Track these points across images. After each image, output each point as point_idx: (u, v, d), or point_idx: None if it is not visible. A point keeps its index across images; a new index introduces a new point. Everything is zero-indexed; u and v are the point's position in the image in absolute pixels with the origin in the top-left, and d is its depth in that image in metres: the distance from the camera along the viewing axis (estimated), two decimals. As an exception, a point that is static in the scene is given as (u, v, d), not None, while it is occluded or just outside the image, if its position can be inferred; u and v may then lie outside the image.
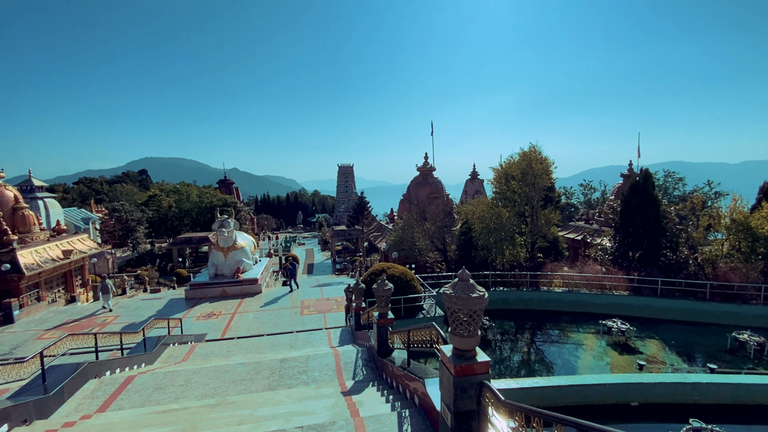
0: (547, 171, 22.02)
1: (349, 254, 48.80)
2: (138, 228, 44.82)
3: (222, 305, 19.95)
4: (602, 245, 22.62)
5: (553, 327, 17.80)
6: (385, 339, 9.29)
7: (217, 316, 18.13)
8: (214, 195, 50.81)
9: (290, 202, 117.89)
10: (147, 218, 46.12)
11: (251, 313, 18.53)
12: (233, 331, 15.84)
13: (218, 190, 57.96)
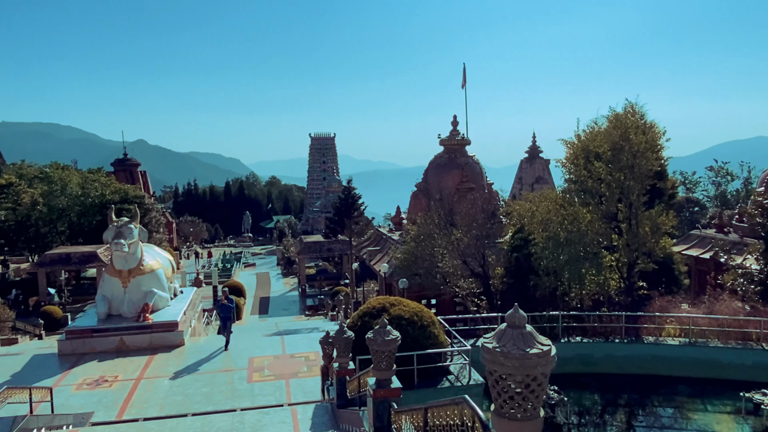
0: (653, 146, 22.13)
1: (329, 281, 48.86)
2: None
3: (119, 365, 19.98)
4: (746, 268, 22.65)
5: (665, 402, 18.06)
6: (387, 423, 9.28)
7: (110, 383, 18.17)
8: (107, 184, 50.94)
9: (232, 196, 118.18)
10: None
11: (167, 378, 18.56)
12: (137, 409, 15.87)
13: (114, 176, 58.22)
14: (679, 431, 16.29)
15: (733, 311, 20.28)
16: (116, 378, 18.67)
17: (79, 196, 47.82)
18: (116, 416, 15.45)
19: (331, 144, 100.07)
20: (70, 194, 47.68)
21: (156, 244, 38.49)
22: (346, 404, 13.43)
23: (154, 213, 51.49)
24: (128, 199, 47.17)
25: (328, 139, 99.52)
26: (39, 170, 55.99)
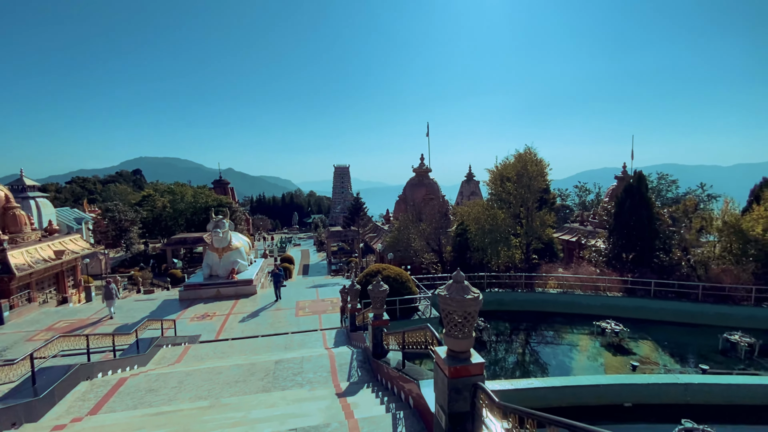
0: (542, 173, 22.12)
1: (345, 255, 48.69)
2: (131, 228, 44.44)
3: (216, 306, 19.83)
4: (596, 247, 22.77)
5: (548, 328, 17.90)
6: (380, 340, 9.28)
7: (211, 317, 18.02)
8: (209, 195, 50.51)
9: (285, 203, 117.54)
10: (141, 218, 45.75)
11: (246, 314, 18.44)
12: (227, 333, 15.76)
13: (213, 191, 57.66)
14: (556, 345, 16.13)
15: (589, 273, 20.32)
16: (214, 314, 18.55)
17: (192, 203, 47.51)
18: (215, 337, 15.39)
19: (347, 171, 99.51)
20: (186, 201, 47.46)
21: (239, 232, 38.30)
22: (355, 329, 13.40)
23: (238, 213, 50.93)
24: (222, 205, 46.79)
25: (345, 168, 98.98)
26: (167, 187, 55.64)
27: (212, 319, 17.75)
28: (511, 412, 3.62)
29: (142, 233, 47.03)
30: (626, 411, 9.52)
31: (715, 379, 10.07)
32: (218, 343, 14.29)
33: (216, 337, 15.22)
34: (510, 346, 16.53)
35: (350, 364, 9.80)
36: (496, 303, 19.67)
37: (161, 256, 40.90)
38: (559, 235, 31.51)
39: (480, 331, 16.25)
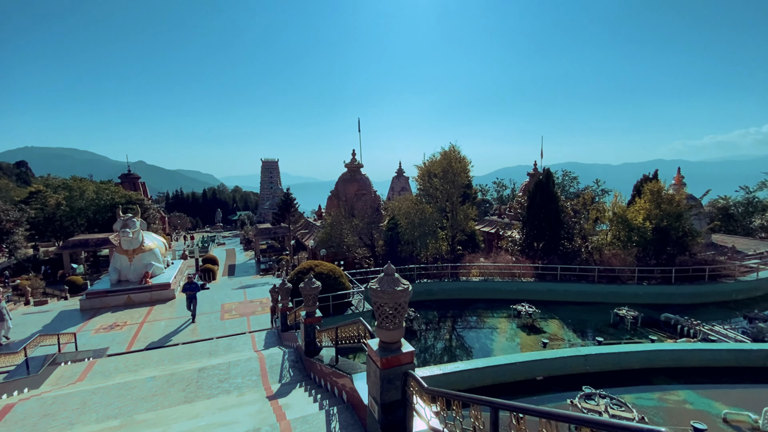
0: (465, 169, 23.40)
1: (275, 253, 46.89)
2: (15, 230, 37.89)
3: (127, 314, 17.85)
4: (512, 237, 24.75)
5: (472, 314, 19.07)
6: (312, 338, 9.14)
7: (121, 326, 16.19)
8: (116, 191, 45.01)
9: (208, 199, 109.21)
10: (28, 218, 39.20)
11: (163, 321, 16.89)
12: (142, 343, 14.30)
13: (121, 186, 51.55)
14: (479, 329, 17.18)
15: (506, 261, 22.06)
16: (125, 323, 16.71)
17: (94, 200, 41.94)
18: (126, 348, 13.87)
19: (276, 165, 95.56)
20: (87, 198, 41.75)
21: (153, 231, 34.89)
22: (287, 329, 13.04)
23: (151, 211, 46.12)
24: (132, 202, 42.07)
25: (273, 162, 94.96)
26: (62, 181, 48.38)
27: (123, 328, 15.95)
28: (438, 396, 3.82)
29: (30, 235, 40.35)
30: (538, 384, 10.61)
31: (608, 349, 11.67)
32: (130, 355, 12.90)
33: (128, 349, 13.72)
34: (438, 334, 17.32)
35: (282, 365, 9.51)
36: (425, 293, 20.48)
37: (57, 261, 35.57)
38: (481, 227, 33.65)
39: (411, 321, 16.82)
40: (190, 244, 58.35)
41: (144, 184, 61.20)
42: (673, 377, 11.03)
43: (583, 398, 8.64)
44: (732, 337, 14.12)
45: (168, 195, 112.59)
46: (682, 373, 11.16)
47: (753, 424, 8.60)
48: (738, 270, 20.41)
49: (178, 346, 13.74)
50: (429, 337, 16.97)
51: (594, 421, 2.05)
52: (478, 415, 3.12)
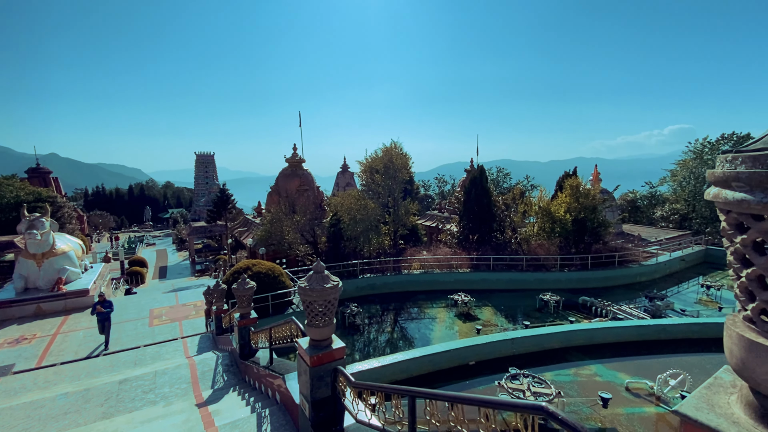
0: (406, 165, 23.89)
1: (212, 253, 44.43)
2: None
3: (37, 326, 15.90)
4: (450, 230, 25.83)
5: (413, 305, 19.62)
6: (247, 340, 8.86)
7: (30, 340, 14.39)
8: (22, 187, 39.56)
9: (135, 196, 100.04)
10: None
11: (81, 331, 15.29)
12: (55, 357, 12.83)
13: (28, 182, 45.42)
14: (420, 320, 17.71)
15: (444, 253, 22.98)
16: (34, 336, 14.90)
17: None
18: (35, 364, 12.38)
19: (212, 159, 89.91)
20: (-17, 196, 36.18)
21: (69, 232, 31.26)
22: (222, 332, 12.50)
23: (66, 209, 41.17)
24: (41, 199, 37.15)
25: (209, 156, 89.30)
26: (-50, 177, 41.37)
27: (31, 342, 14.18)
28: (364, 389, 3.93)
29: None
30: (471, 368, 11.27)
31: (532, 332, 12.71)
32: (40, 371, 11.54)
33: (37, 365, 12.24)
34: (381, 327, 17.61)
35: (215, 370, 9.11)
36: (368, 288, 20.69)
37: (-57, 270, 30.50)
38: (423, 222, 34.65)
39: (353, 316, 16.90)
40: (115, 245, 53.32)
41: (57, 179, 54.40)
42: (586, 353, 12.32)
43: (509, 379, 9.35)
44: (635, 315, 16.07)
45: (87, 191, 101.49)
46: (593, 349, 12.51)
47: (649, 391, 9.90)
48: (641, 256, 23.21)
49: (97, 358, 12.55)
50: (372, 330, 17.19)
51: (488, 401, 2.26)
52: (398, 403, 3.26)
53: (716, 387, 1.51)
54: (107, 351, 13.25)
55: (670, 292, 20.06)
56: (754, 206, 1.05)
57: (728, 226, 1.31)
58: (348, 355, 14.49)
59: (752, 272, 1.14)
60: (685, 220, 37.32)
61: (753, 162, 1.08)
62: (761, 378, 1.13)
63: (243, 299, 8.99)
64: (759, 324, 1.18)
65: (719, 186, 1.25)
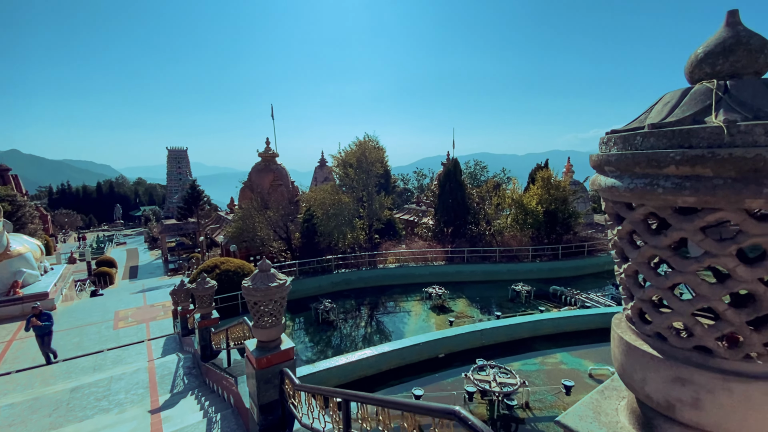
0: (380, 159, 23.71)
1: (186, 251, 43.23)
2: None
3: (-11, 333, 15.04)
4: (426, 224, 25.90)
5: (388, 300, 19.60)
6: (208, 342, 8.58)
7: (-20, 348, 13.57)
8: (-26, 187, 37.38)
9: (103, 193, 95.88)
10: None
11: (38, 336, 14.53)
12: (9, 364, 12.16)
13: (-18, 180, 42.92)
14: (395, 314, 17.70)
15: (420, 246, 23.05)
16: (-15, 344, 14.05)
17: (-57, 198, 34.26)
18: (-15, 374, 11.64)
19: (185, 154, 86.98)
20: (-68, 196, 33.96)
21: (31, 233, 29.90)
22: (187, 333, 12.12)
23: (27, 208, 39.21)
24: None
25: (182, 151, 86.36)
26: None
27: (-18, 350, 13.38)
28: (306, 391, 3.77)
29: None
30: (441, 361, 11.31)
31: (500, 322, 12.87)
32: (-9, 381, 10.89)
33: (-13, 374, 11.55)
34: (356, 322, 17.51)
35: (175, 374, 8.80)
36: (343, 283, 20.52)
37: None
38: (401, 215, 34.64)
39: (327, 312, 16.71)
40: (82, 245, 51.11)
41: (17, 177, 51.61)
42: (553, 342, 12.57)
43: (476, 370, 9.41)
44: (602, 303, 16.53)
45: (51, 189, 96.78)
46: (560, 337, 12.78)
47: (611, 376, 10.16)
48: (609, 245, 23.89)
49: (54, 365, 11.95)
50: (346, 326, 17.06)
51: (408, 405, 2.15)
52: (335, 407, 3.14)
53: (610, 391, 1.41)
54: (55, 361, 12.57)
55: (636, 280, 20.77)
56: (623, 193, 0.93)
57: (609, 217, 1.21)
58: (321, 352, 14.32)
59: (628, 267, 1.03)
60: (652, 210, 38.65)
61: (623, 143, 0.97)
62: (638, 385, 1.03)
63: (203, 299, 8.69)
64: (638, 325, 1.08)
65: (597, 171, 1.14)
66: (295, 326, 16.96)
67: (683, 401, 0.91)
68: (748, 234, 0.78)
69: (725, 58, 0.88)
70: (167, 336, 14.02)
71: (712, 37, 0.92)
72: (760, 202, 0.74)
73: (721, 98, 0.83)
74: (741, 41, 0.86)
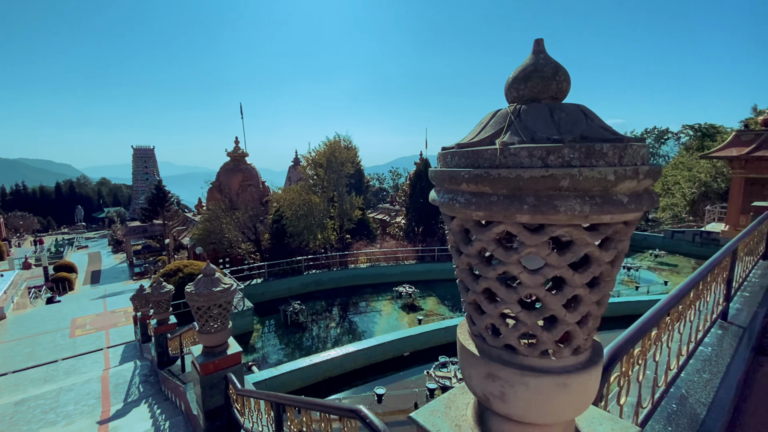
0: (351, 159, 23.63)
1: (153, 254, 41.73)
2: None
3: (-72, 346, 14.05)
4: (398, 223, 26.05)
5: (360, 300, 19.62)
6: (165, 348, 8.38)
7: None
8: None
9: (63, 194, 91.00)
10: None
11: (-15, 348, 13.73)
12: (-52, 379, 11.40)
13: (-77, 182, 39.92)
14: (366, 313, 17.73)
15: (392, 246, 23.18)
16: (-77, 358, 13.12)
17: None
18: None
19: (152, 153, 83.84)
20: None
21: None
22: (148, 340, 11.75)
23: (-26, 212, 36.94)
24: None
25: (149, 150, 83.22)
26: None
27: None
28: (246, 396, 3.77)
29: None
30: (407, 359, 11.47)
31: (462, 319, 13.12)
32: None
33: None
34: (326, 323, 17.43)
35: (131, 382, 8.53)
36: (314, 284, 20.36)
37: None
38: (374, 215, 34.67)
39: (296, 314, 16.55)
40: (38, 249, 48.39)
41: (-38, 178, 48.29)
42: (516, 337, 12.96)
43: (438, 367, 9.61)
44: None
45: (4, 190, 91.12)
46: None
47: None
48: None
49: (3, 376, 11.32)
50: (315, 328, 16.98)
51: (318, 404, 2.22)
52: (268, 409, 3.16)
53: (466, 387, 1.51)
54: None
55: (597, 274, 21.66)
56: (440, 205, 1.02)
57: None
58: (289, 355, 14.18)
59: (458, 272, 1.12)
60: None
61: (442, 160, 1.06)
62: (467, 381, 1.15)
63: (160, 304, 8.48)
64: (469, 326, 1.17)
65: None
66: (264, 329, 16.73)
67: (494, 395, 1.01)
68: (525, 245, 0.88)
69: (525, 83, 0.97)
70: (128, 343, 13.57)
71: (521, 63, 1.02)
72: (526, 216, 0.83)
73: (512, 122, 0.93)
74: (537, 69, 0.96)
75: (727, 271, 3.87)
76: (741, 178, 18.93)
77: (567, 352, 0.96)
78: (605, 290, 0.94)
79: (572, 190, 0.78)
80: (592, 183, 0.78)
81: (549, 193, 0.79)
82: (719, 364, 3.36)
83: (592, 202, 0.78)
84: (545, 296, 0.91)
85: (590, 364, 0.98)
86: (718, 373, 3.21)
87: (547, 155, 0.80)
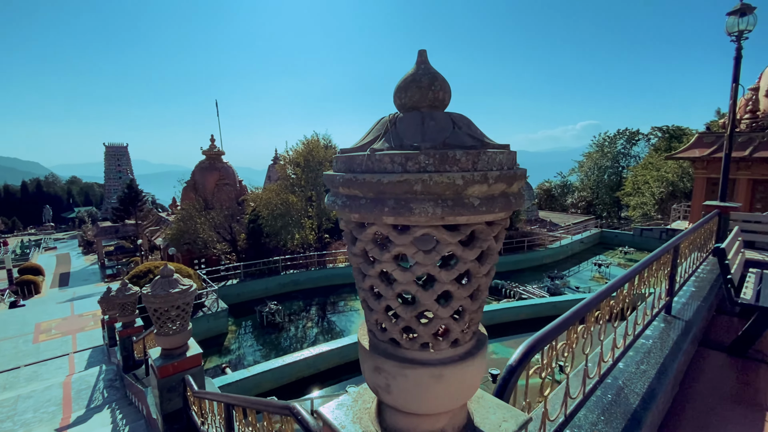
0: (330, 158, 23.51)
1: (126, 255, 40.50)
2: None
3: None
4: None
5: (338, 299, 19.60)
6: (131, 351, 8.19)
7: None
8: None
9: (30, 193, 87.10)
10: None
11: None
12: None
13: None
14: (343, 313, 17.78)
15: (371, 246, 23.18)
16: None
17: None
18: None
19: (125, 151, 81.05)
20: None
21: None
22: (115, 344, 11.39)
23: (-69, 212, 34.99)
24: None
25: (122, 147, 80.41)
26: None
27: None
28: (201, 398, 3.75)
29: None
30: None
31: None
32: None
33: None
34: (304, 323, 17.36)
35: (94, 387, 8.30)
36: (292, 284, 20.22)
37: None
38: (353, 214, 34.58)
39: (273, 314, 16.43)
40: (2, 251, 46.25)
41: None
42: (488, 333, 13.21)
43: (411, 365, 9.72)
44: (538, 294, 17.60)
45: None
46: (495, 329, 13.47)
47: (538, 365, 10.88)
48: (547, 239, 25.47)
49: (-43, 386, 10.79)
50: (293, 328, 16.88)
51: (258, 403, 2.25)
52: (221, 411, 3.16)
53: None
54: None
55: (570, 272, 22.31)
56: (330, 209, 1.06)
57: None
58: (265, 356, 14.05)
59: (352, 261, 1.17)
60: (591, 206, 41.68)
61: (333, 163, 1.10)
62: (364, 374, 1.17)
63: (126, 307, 8.29)
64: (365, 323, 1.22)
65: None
66: (240, 330, 16.51)
67: (381, 387, 1.07)
68: (395, 244, 0.94)
69: (405, 93, 1.03)
70: (95, 347, 13.15)
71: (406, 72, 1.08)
72: (391, 218, 0.89)
73: (388, 130, 0.99)
74: (416, 79, 1.02)
75: (669, 267, 4.08)
76: (703, 177, 19.84)
77: (445, 345, 1.02)
78: (476, 286, 1.01)
79: (426, 194, 0.85)
80: (443, 187, 0.84)
81: (406, 196, 0.85)
82: (658, 356, 3.54)
83: (444, 204, 0.85)
84: (417, 291, 0.98)
85: (468, 356, 1.05)
86: (656, 365, 3.39)
87: (406, 161, 0.86)
